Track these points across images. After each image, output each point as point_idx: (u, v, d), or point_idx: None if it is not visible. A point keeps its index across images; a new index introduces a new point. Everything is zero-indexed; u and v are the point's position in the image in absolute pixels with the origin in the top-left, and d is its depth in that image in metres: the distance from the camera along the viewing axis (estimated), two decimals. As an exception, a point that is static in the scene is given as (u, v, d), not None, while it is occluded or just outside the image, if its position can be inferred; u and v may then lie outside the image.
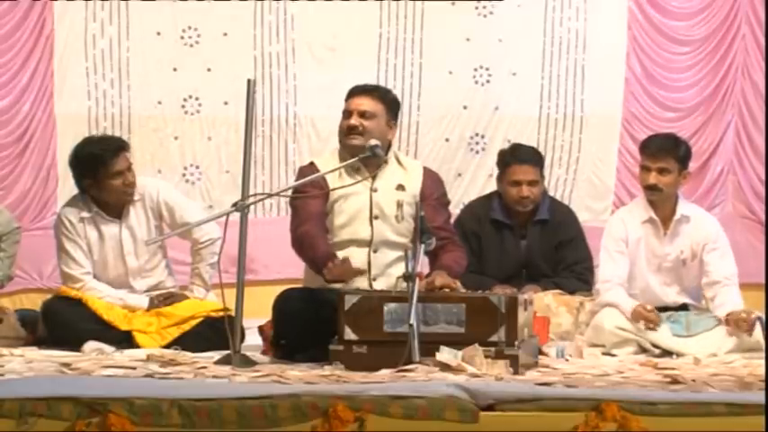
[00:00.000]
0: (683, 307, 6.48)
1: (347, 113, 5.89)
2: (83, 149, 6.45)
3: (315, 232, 5.73)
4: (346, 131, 5.85)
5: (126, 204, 6.43)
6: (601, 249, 6.54)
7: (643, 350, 6.12)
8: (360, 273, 5.57)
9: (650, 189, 6.44)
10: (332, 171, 5.80)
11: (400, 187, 5.87)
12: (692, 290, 6.53)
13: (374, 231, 5.81)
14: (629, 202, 7.04)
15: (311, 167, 5.92)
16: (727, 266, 6.42)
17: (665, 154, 6.44)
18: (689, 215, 6.51)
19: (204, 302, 6.41)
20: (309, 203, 5.80)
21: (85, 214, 6.44)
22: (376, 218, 5.82)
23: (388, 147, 5.93)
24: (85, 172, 6.40)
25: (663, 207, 6.48)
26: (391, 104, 5.97)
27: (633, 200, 6.93)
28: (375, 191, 5.84)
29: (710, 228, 6.53)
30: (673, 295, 6.48)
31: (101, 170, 6.35)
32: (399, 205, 5.84)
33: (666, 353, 6.08)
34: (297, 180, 5.94)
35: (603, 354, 6.09)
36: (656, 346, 6.11)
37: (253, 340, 6.09)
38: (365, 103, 5.88)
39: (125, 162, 6.38)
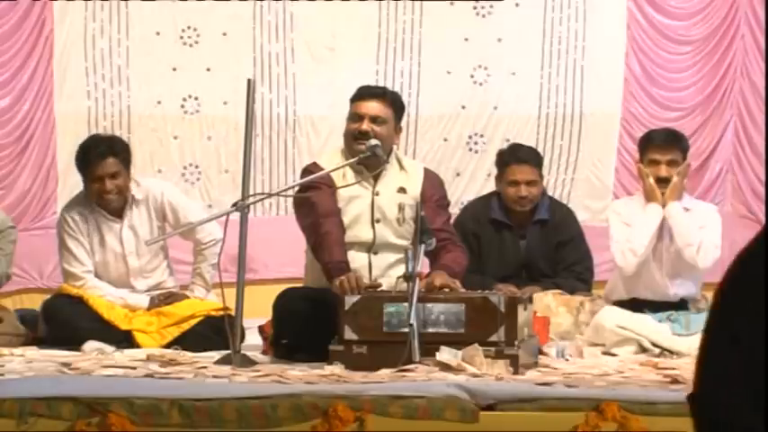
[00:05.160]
0: (683, 305, 6.49)
1: (357, 117, 5.82)
2: (80, 146, 6.47)
3: (335, 235, 5.66)
4: (358, 136, 5.79)
5: (125, 205, 6.43)
6: (610, 229, 6.54)
7: (643, 350, 6.12)
8: (372, 287, 5.53)
9: (663, 182, 6.44)
10: (336, 169, 5.78)
11: (402, 190, 5.86)
12: (692, 281, 6.54)
13: (376, 234, 5.80)
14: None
15: (315, 167, 5.90)
16: (714, 237, 6.42)
17: (672, 146, 6.49)
18: (689, 206, 6.54)
19: (204, 302, 6.42)
20: (326, 198, 5.76)
21: (88, 213, 6.44)
22: (377, 221, 5.81)
23: (390, 150, 5.92)
24: (79, 170, 6.43)
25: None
26: (398, 108, 5.94)
27: (632, 195, 6.95)
28: (377, 194, 5.83)
29: (705, 213, 6.57)
30: (674, 288, 6.49)
31: (85, 170, 6.37)
32: (401, 208, 5.83)
33: (666, 352, 6.08)
34: (301, 180, 5.92)
35: (603, 353, 6.10)
36: (656, 345, 6.11)
37: (253, 340, 6.08)
38: (376, 108, 5.83)
39: (108, 168, 6.30)
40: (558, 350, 5.90)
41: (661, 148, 6.48)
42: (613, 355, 6.05)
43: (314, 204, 5.74)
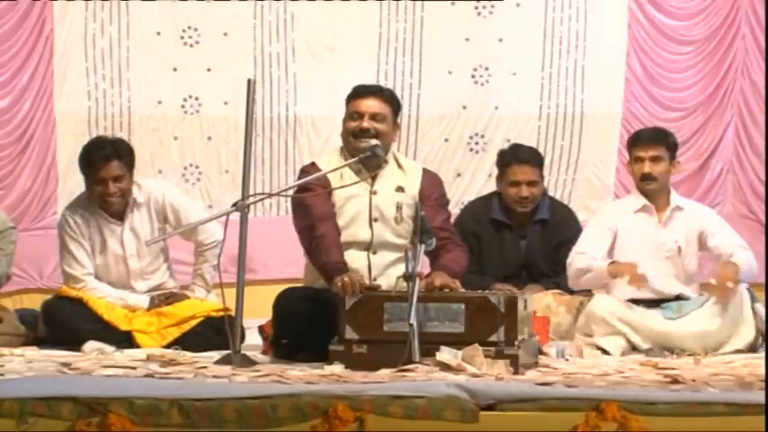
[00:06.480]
0: (678, 297, 6.49)
1: (357, 115, 5.83)
2: (83, 148, 6.46)
3: (332, 238, 5.67)
4: (358, 134, 5.80)
5: (127, 207, 6.42)
6: (585, 228, 6.58)
7: (633, 347, 6.15)
8: (373, 289, 5.52)
9: (645, 179, 6.49)
10: (334, 170, 5.78)
11: (399, 189, 5.86)
12: (689, 280, 6.54)
13: (374, 234, 5.79)
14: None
15: (313, 167, 5.90)
16: (734, 238, 6.46)
17: (656, 143, 6.55)
18: (683, 205, 6.56)
19: (204, 302, 6.41)
20: (321, 202, 5.76)
21: (89, 215, 6.43)
22: (375, 220, 5.81)
23: (389, 148, 5.92)
24: (82, 171, 6.42)
25: (657, 197, 6.56)
26: (396, 106, 5.95)
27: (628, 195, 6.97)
28: (375, 193, 5.83)
29: (706, 215, 6.61)
30: (669, 286, 6.49)
31: (88, 172, 6.36)
32: (399, 207, 5.83)
33: (664, 351, 6.08)
34: (299, 180, 5.92)
35: (591, 344, 6.11)
36: (646, 337, 6.13)
37: (253, 340, 6.09)
38: (375, 105, 5.84)
39: (112, 171, 6.31)
40: (558, 350, 5.91)
41: (644, 145, 6.54)
42: (605, 351, 6.06)
43: (309, 207, 5.74)
